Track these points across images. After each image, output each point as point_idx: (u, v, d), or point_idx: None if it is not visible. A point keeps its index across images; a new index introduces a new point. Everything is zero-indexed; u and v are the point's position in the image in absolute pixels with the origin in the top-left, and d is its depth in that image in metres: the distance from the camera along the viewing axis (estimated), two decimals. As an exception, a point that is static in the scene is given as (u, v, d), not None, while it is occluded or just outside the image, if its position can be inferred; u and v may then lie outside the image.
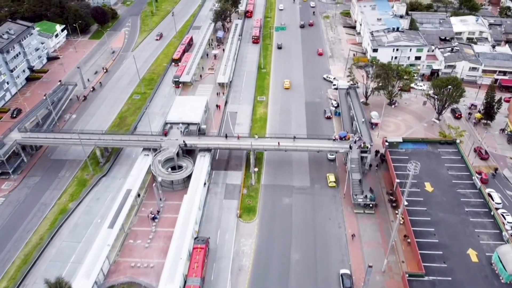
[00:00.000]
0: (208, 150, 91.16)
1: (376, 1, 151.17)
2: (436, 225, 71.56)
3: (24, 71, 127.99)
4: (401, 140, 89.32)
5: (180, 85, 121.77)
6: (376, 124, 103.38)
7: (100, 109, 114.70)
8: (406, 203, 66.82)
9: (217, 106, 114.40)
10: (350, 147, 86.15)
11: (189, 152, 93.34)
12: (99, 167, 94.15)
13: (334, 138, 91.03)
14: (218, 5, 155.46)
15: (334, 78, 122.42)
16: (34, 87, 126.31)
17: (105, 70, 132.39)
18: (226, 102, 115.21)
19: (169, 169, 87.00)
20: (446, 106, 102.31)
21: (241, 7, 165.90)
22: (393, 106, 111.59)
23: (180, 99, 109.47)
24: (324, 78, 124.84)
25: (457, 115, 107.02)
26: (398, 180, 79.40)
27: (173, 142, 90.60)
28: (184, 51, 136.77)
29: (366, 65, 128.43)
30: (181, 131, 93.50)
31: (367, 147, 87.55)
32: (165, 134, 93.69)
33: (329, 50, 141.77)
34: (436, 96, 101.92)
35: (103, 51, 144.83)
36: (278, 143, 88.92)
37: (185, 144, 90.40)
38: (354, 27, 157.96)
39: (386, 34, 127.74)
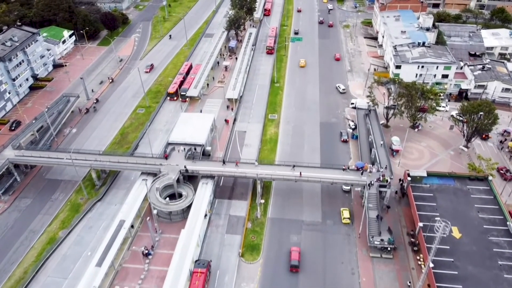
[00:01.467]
0: (211, 177, 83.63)
1: (400, 12, 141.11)
2: (464, 281, 62.29)
3: (27, 79, 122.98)
4: (425, 175, 79.90)
5: (187, 99, 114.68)
6: (397, 151, 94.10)
7: (102, 123, 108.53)
8: (432, 265, 57.83)
9: (225, 121, 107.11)
10: (369, 185, 77.07)
11: (191, 177, 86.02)
12: (94, 190, 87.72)
13: (344, 168, 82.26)
14: (232, 12, 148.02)
15: (344, 89, 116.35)
16: (36, 96, 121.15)
17: (110, 80, 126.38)
18: (234, 120, 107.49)
19: (167, 198, 79.63)
20: (476, 133, 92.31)
21: (257, 15, 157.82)
22: (416, 130, 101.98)
23: (185, 116, 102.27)
24: (336, 88, 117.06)
25: (484, 136, 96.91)
26: (421, 224, 70.18)
27: (173, 167, 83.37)
28: (182, 83, 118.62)
29: (387, 81, 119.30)
30: (181, 149, 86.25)
31: (387, 181, 78.58)
32: (166, 157, 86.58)
33: (348, 64, 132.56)
34: (465, 123, 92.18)
35: (111, 59, 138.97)
36: (300, 173, 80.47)
37: (186, 170, 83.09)
38: (375, 38, 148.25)
39: (411, 49, 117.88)
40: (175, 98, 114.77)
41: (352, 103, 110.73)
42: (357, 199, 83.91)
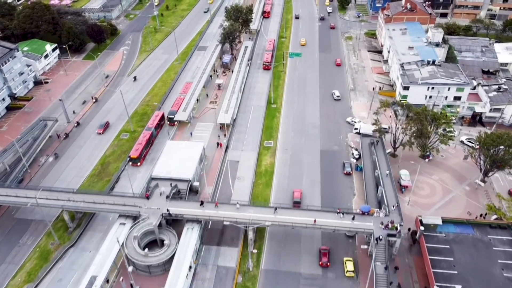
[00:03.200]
0: (197, 221, 74.11)
1: (407, 24, 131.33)
2: None
3: (3, 99, 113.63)
4: (440, 222, 70.21)
5: (175, 122, 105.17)
6: (406, 187, 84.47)
7: (81, 150, 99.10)
8: None
9: (218, 144, 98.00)
10: (377, 240, 67.27)
11: (176, 220, 76.43)
12: (67, 233, 78.27)
13: (338, 211, 72.72)
14: (227, 24, 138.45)
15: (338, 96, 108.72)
16: (13, 118, 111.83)
17: (94, 100, 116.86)
18: (227, 147, 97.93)
19: (146, 250, 69.95)
20: (494, 168, 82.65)
21: (253, 26, 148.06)
22: (426, 160, 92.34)
23: (171, 145, 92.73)
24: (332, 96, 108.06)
25: (500, 165, 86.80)
26: (437, 285, 60.54)
27: (155, 210, 73.83)
28: (148, 143, 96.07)
29: (394, 102, 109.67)
30: (166, 195, 76.53)
31: (396, 228, 68.99)
32: (147, 196, 77.07)
33: (351, 81, 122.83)
34: (479, 152, 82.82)
35: (96, 74, 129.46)
36: (315, 220, 70.66)
37: (169, 214, 73.55)
38: (380, 52, 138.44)
39: (420, 68, 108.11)
40: (138, 164, 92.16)
41: (356, 128, 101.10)
42: (362, 246, 74.21)
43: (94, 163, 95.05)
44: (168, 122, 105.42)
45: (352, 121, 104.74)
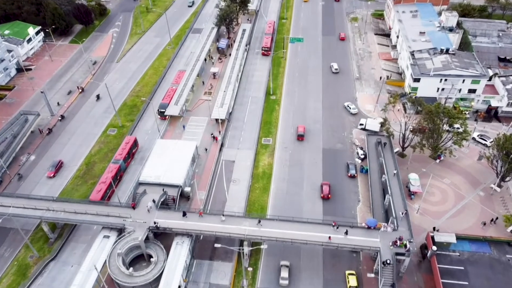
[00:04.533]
0: (188, 234, 67.89)
1: (418, 6, 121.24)
2: None
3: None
4: (454, 241, 63.76)
5: (167, 116, 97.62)
6: (415, 193, 77.79)
7: (65, 148, 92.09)
8: None
9: (213, 137, 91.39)
10: (384, 264, 60.99)
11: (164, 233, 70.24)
12: (48, 244, 72.39)
13: (334, 224, 66.40)
14: (223, 4, 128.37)
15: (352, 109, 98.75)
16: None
17: (80, 90, 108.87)
18: (222, 145, 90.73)
19: (131, 269, 63.98)
20: (513, 174, 75.73)
21: (252, 6, 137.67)
22: (437, 160, 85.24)
23: (161, 145, 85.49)
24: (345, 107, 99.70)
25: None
26: (451, 315, 54.84)
27: (141, 223, 67.50)
28: (115, 179, 79.58)
29: (403, 94, 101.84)
30: (150, 207, 69.91)
31: (405, 246, 62.75)
32: (133, 206, 70.66)
33: (356, 69, 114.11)
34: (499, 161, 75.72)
35: (83, 60, 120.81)
36: (329, 237, 64.39)
37: (157, 227, 67.27)
38: (388, 35, 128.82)
39: (432, 57, 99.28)
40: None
41: (361, 124, 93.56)
42: (367, 260, 68.29)
43: (79, 162, 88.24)
44: (159, 116, 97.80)
45: (348, 106, 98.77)
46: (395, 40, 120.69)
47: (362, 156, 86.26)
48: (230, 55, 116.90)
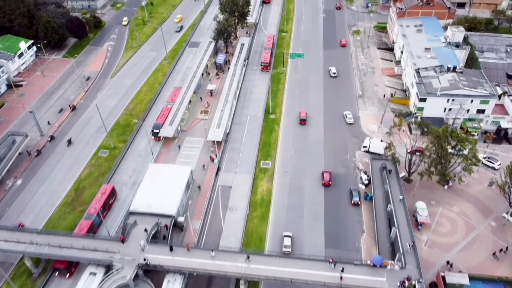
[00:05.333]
0: (180, 272, 63.32)
1: (423, 20, 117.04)
2: None
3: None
4: (467, 282, 59.13)
5: (161, 137, 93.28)
6: (423, 223, 73.20)
7: (54, 171, 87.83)
8: None
9: (210, 158, 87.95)
10: None
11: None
12: (31, 281, 67.83)
13: (330, 261, 61.84)
14: (221, 17, 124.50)
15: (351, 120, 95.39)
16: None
17: (72, 108, 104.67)
18: (218, 169, 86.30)
19: (118, 311, 59.56)
20: (528, 203, 71.17)
21: (251, 18, 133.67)
22: (446, 186, 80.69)
23: (153, 170, 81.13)
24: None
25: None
26: None
27: (129, 260, 62.94)
28: (90, 230, 70.41)
29: (408, 114, 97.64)
30: (143, 245, 65.24)
31: (414, 286, 58.15)
32: (122, 240, 66.16)
33: (359, 85, 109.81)
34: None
35: (76, 76, 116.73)
36: (341, 277, 59.71)
37: (147, 264, 62.72)
38: (391, 49, 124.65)
39: (438, 75, 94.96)
40: (67, 275, 66.83)
41: (365, 146, 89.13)
42: (372, 300, 63.61)
43: (68, 187, 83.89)
44: (153, 137, 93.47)
45: (346, 115, 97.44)
46: (399, 55, 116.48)
47: (366, 182, 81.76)
48: (228, 68, 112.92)
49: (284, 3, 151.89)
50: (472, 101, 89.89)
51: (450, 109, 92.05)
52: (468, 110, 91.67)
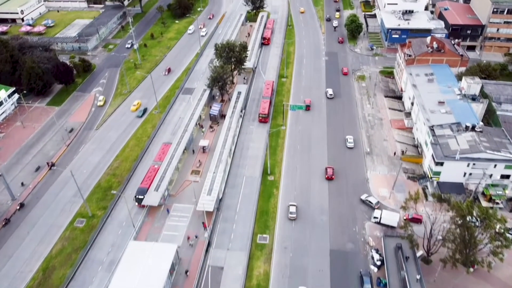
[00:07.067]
0: None
1: (433, 67, 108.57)
2: None
3: None
4: None
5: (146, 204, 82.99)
6: (448, 321, 61.93)
7: (22, 245, 77.21)
8: None
9: (203, 224, 78.06)
10: None
11: None
12: None
13: None
14: (217, 62, 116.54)
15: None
16: None
17: (50, 166, 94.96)
18: (208, 245, 75.49)
19: None
20: None
21: (249, 63, 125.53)
22: (471, 269, 69.65)
23: (134, 248, 70.51)
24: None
25: None
26: None
27: None
28: None
29: (422, 177, 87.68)
30: None
31: None
32: None
33: (367, 140, 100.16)
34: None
35: (59, 127, 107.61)
36: None
37: None
38: (399, 97, 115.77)
39: (455, 134, 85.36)
40: None
41: (376, 217, 78.60)
42: None
43: (36, 267, 73.18)
44: (137, 203, 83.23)
45: (347, 140, 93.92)
46: (408, 105, 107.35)
47: (379, 263, 70.82)
48: (224, 116, 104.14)
49: (284, 45, 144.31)
50: (495, 165, 79.85)
51: (470, 174, 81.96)
52: (491, 175, 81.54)
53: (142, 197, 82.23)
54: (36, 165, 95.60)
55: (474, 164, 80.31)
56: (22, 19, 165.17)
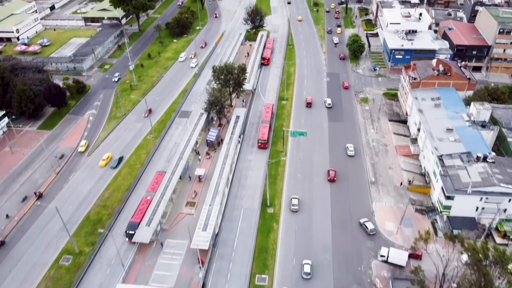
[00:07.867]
0: None
1: (440, 91, 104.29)
2: None
3: None
4: None
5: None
6: None
7: (2, 286, 71.66)
8: None
9: (199, 261, 72.43)
10: None
11: None
12: None
13: None
14: (214, 85, 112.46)
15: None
16: None
17: (37, 196, 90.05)
18: (203, 286, 70.04)
19: None
20: None
21: (248, 85, 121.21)
22: (488, 316, 63.96)
23: (122, 294, 65.20)
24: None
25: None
26: None
27: None
28: None
29: (431, 210, 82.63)
30: None
31: None
32: None
33: (371, 168, 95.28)
34: None
35: (49, 153, 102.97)
36: None
37: None
38: (404, 122, 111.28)
39: (466, 165, 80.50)
40: None
41: (382, 255, 73.25)
42: None
43: (15, 313, 67.66)
44: (127, 239, 78.00)
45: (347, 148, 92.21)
46: (414, 131, 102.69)
47: (387, 308, 65.38)
48: (222, 141, 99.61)
49: (284, 65, 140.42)
50: (510, 200, 74.82)
51: (483, 208, 76.85)
52: (505, 210, 76.43)
53: (133, 232, 77.02)
54: (23, 195, 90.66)
55: (487, 198, 75.25)
56: (18, 38, 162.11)
